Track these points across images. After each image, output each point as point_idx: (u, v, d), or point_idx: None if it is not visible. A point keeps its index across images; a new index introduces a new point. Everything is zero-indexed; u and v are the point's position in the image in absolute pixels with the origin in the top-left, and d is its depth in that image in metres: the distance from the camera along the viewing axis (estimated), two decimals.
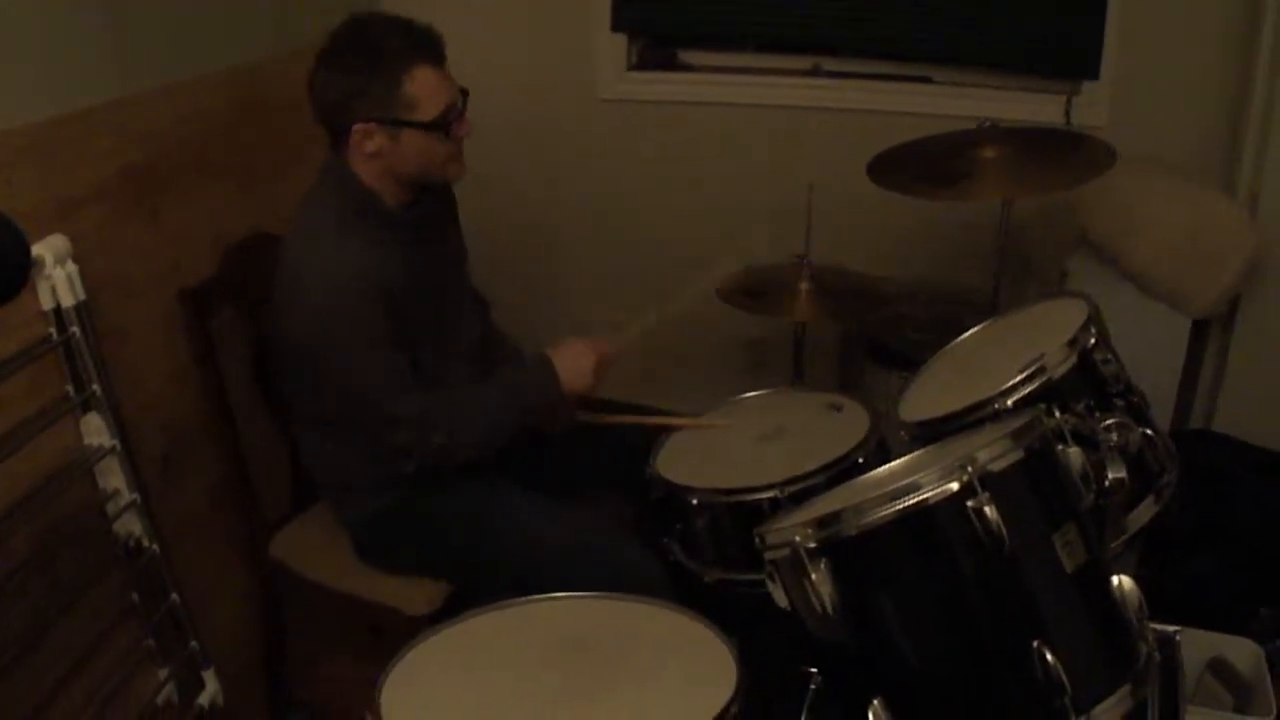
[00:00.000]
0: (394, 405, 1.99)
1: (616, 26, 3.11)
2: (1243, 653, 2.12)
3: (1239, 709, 2.05)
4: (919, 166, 2.38)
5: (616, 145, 3.19)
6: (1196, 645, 2.05)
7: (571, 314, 3.33)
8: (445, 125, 1.98)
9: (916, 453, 1.71)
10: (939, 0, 2.86)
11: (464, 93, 2.02)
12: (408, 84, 1.93)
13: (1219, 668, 2.11)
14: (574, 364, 2.15)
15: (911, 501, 1.32)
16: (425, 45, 1.96)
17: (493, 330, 2.39)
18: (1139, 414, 1.70)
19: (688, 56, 3.20)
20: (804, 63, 3.09)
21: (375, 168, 2.00)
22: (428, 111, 1.96)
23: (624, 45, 3.14)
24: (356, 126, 1.95)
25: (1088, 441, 1.49)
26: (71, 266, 1.78)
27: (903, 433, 1.82)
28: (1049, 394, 1.62)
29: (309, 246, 1.99)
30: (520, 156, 3.20)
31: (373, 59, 1.93)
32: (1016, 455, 1.36)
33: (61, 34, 1.93)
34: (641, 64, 3.18)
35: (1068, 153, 2.37)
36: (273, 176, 2.50)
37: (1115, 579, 1.41)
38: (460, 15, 3.05)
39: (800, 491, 1.89)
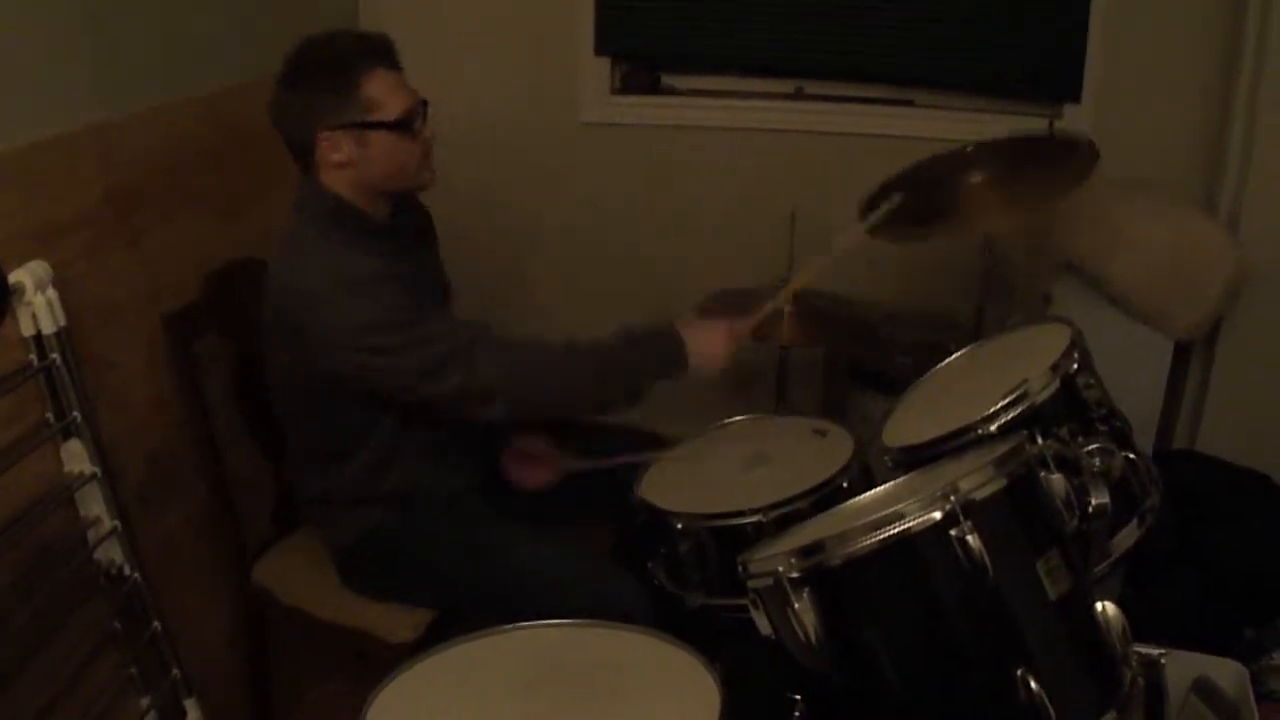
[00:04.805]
0: (431, 330, 1.97)
1: (600, 50, 3.11)
2: (1228, 674, 2.11)
3: None
4: (906, 206, 2.35)
5: (600, 169, 3.19)
6: (1181, 666, 2.04)
7: (555, 336, 3.32)
8: (410, 124, 1.99)
9: (900, 480, 1.72)
10: (922, 24, 2.88)
11: (423, 102, 2.04)
12: (366, 87, 1.95)
13: (1204, 689, 2.11)
14: (710, 348, 2.13)
15: (894, 531, 1.33)
16: (377, 50, 1.99)
17: None
18: (1122, 439, 1.71)
19: (671, 80, 3.21)
20: (787, 86, 3.11)
21: (346, 178, 2.00)
22: (390, 111, 1.97)
23: (607, 69, 3.15)
24: (322, 136, 1.96)
25: (1070, 467, 1.50)
26: (52, 293, 1.77)
27: (886, 458, 1.82)
28: (1032, 419, 1.63)
29: (307, 266, 1.98)
30: (503, 179, 3.20)
31: (328, 69, 1.96)
32: (999, 483, 1.37)
33: (43, 58, 1.92)
34: (625, 88, 3.19)
35: (1054, 162, 2.35)
36: (255, 201, 2.50)
37: (1099, 605, 1.41)
38: (444, 39, 3.09)
39: (784, 516, 1.89)
